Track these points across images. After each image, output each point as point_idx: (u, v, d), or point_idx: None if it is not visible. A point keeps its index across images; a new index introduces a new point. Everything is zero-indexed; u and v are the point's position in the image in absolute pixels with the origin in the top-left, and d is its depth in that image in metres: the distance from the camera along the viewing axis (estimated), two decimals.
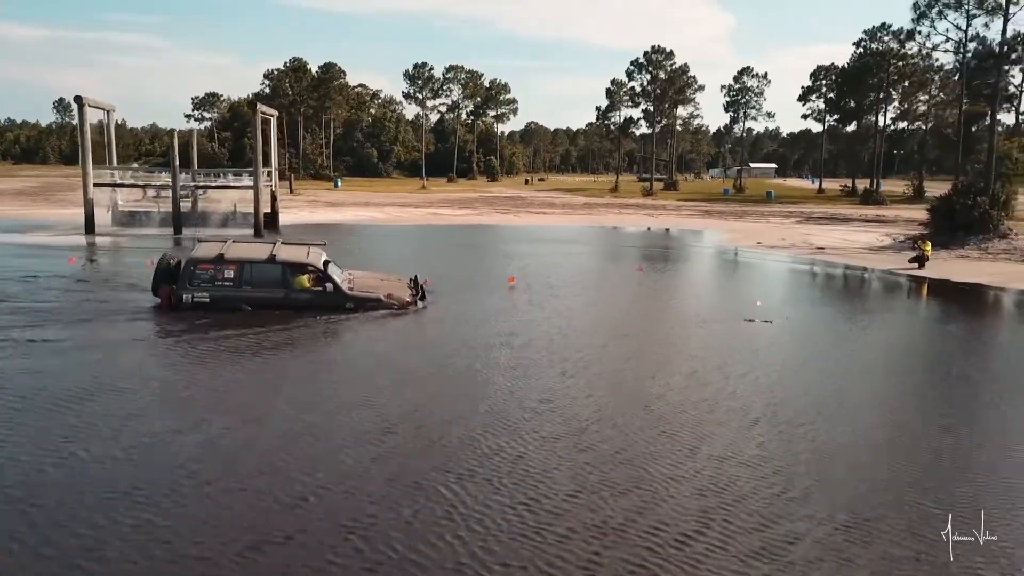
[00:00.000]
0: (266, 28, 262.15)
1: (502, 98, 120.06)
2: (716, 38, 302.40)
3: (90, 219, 34.21)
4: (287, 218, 41.56)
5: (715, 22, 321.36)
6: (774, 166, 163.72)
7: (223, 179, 40.09)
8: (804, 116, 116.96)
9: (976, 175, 37.46)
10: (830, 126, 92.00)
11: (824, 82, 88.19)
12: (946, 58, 72.47)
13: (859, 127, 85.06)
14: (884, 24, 75.10)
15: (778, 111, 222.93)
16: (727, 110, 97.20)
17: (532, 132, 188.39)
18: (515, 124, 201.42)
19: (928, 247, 27.91)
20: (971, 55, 36.62)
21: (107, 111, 39.32)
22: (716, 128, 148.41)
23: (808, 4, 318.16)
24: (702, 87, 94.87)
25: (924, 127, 78.55)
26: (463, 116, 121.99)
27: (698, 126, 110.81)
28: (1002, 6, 32.13)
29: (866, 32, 76.82)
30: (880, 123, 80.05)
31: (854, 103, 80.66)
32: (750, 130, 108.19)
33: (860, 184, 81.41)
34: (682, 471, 8.52)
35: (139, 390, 11.05)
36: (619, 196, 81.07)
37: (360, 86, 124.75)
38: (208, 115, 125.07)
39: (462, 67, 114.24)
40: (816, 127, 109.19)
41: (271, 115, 41.43)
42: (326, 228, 39.91)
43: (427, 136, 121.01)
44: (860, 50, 77.29)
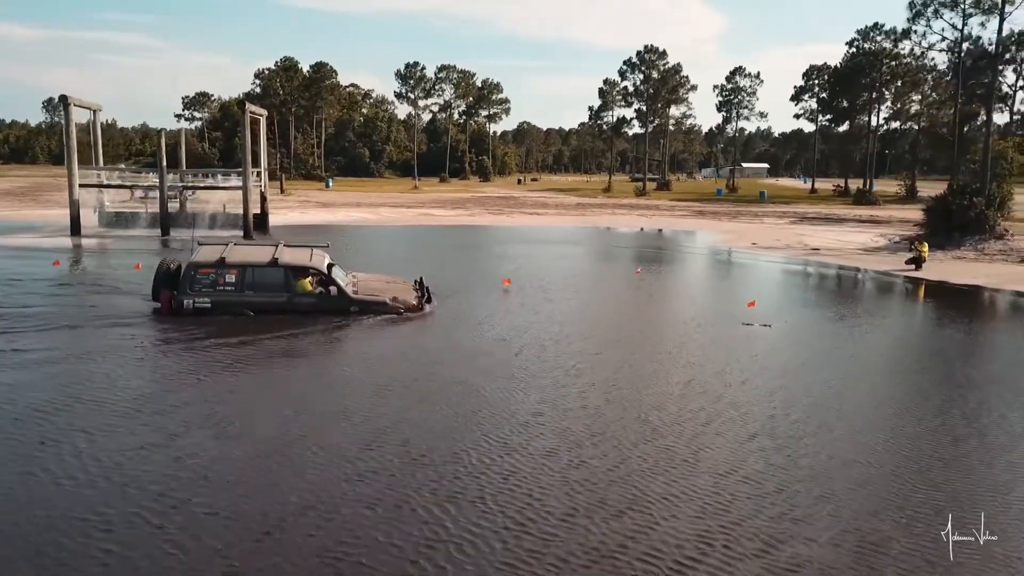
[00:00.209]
0: (260, 28, 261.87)
1: (494, 98, 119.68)
2: (707, 39, 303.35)
3: (76, 220, 33.68)
4: (277, 219, 41.07)
5: (706, 23, 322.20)
6: (766, 166, 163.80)
7: (211, 179, 39.57)
8: (797, 116, 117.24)
9: (972, 175, 37.19)
10: (822, 126, 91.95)
11: (817, 82, 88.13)
12: (939, 58, 72.20)
13: (851, 127, 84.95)
14: (877, 24, 75.18)
15: (770, 111, 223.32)
16: (720, 110, 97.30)
17: (524, 132, 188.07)
18: (507, 124, 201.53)
19: (925, 248, 27.66)
20: (966, 55, 36.31)
21: (93, 111, 38.76)
22: (708, 128, 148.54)
23: (798, 5, 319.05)
24: (695, 87, 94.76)
25: (916, 127, 78.42)
26: (455, 116, 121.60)
27: (690, 126, 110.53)
28: (998, 5, 31.91)
29: (859, 32, 76.90)
30: (873, 123, 79.99)
31: (847, 103, 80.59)
32: (742, 130, 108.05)
33: (853, 184, 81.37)
34: (679, 489, 8.13)
35: (114, 401, 10.59)
36: (612, 196, 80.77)
37: (352, 86, 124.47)
38: (199, 115, 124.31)
39: (454, 67, 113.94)
40: (808, 127, 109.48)
41: (260, 115, 40.91)
42: (317, 229, 39.40)
43: (419, 136, 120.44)
44: (853, 50, 77.27)
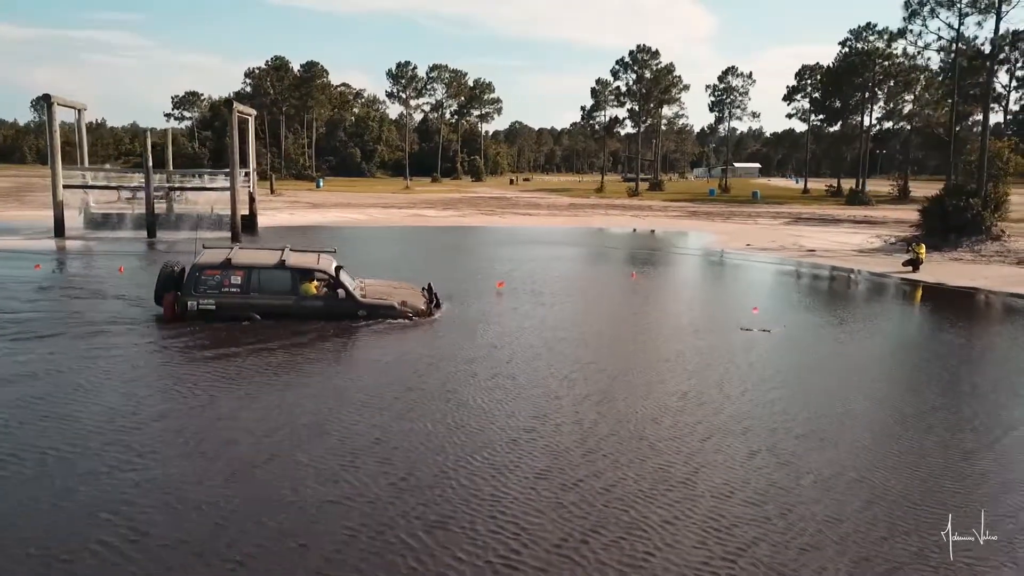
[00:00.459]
0: (251, 27, 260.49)
1: (486, 97, 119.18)
2: (699, 39, 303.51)
3: (60, 222, 33.04)
4: (266, 220, 40.46)
5: (698, 23, 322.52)
6: (758, 166, 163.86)
7: (199, 180, 38.94)
8: (789, 116, 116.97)
9: (967, 175, 36.90)
10: (814, 126, 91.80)
11: (809, 82, 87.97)
12: (932, 58, 71.98)
13: (844, 127, 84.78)
14: (870, 24, 74.96)
15: (761, 111, 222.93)
16: (712, 110, 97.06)
17: (516, 132, 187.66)
18: (499, 124, 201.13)
19: (922, 250, 27.32)
20: (961, 54, 36.03)
21: (78, 110, 38.07)
22: (700, 128, 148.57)
23: (789, 7, 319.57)
24: (687, 87, 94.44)
25: (909, 127, 78.28)
26: (447, 115, 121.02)
27: (682, 126, 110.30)
28: (995, 4, 31.61)
29: (852, 32, 76.62)
30: (866, 123, 79.83)
31: (839, 103, 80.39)
32: (734, 130, 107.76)
33: (845, 184, 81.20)
34: (679, 512, 7.67)
35: (84, 417, 10.04)
36: (605, 196, 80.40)
37: (343, 85, 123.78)
38: (188, 114, 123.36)
39: (446, 66, 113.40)
40: (799, 127, 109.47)
41: (249, 114, 40.29)
42: (306, 230, 38.87)
43: (411, 136, 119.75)
44: (846, 50, 77.04)
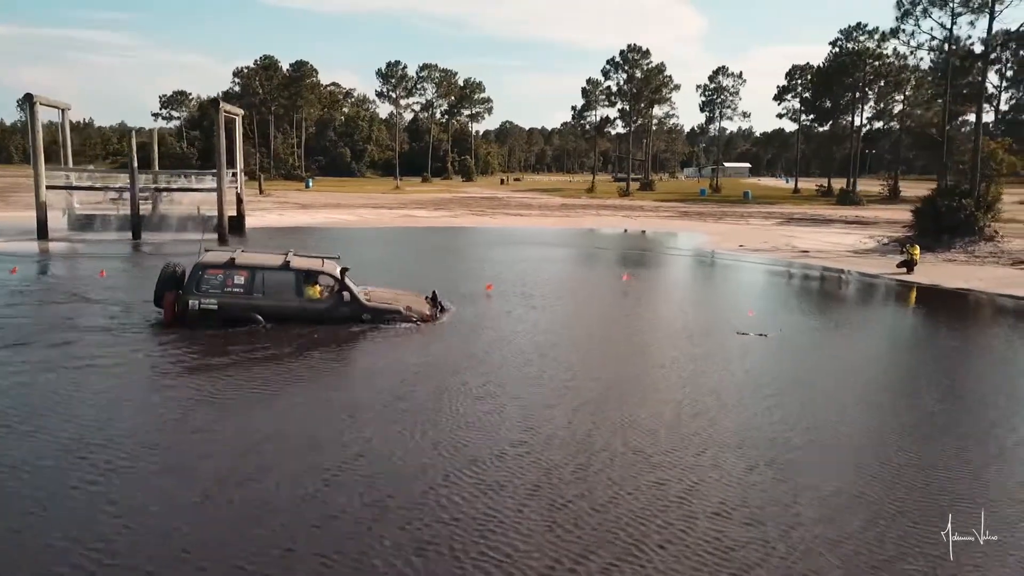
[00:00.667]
0: (240, 26, 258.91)
1: (476, 97, 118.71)
2: (689, 39, 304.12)
3: (43, 223, 32.43)
4: (254, 221, 39.92)
5: (688, 23, 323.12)
6: (748, 165, 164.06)
7: (185, 181, 38.35)
8: (779, 116, 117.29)
9: (961, 176, 36.83)
10: (804, 125, 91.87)
11: (800, 82, 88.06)
12: (923, 57, 72.20)
13: (834, 126, 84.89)
14: (860, 24, 75.11)
15: (751, 110, 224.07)
16: (703, 110, 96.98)
17: (507, 131, 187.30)
18: (490, 123, 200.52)
19: (917, 251, 27.15)
20: (954, 54, 35.95)
21: (61, 109, 37.44)
22: (689, 128, 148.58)
23: (778, 8, 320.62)
24: (678, 86, 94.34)
25: (899, 127, 78.43)
26: (437, 115, 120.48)
27: (673, 125, 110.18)
28: (988, 4, 31.51)
29: (842, 32, 76.81)
30: (856, 123, 79.96)
31: (830, 103, 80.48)
32: (724, 129, 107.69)
33: (835, 184, 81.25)
34: (674, 533, 7.29)
35: (48, 430, 9.59)
36: (596, 196, 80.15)
37: (333, 85, 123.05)
38: (177, 114, 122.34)
39: (436, 66, 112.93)
40: (789, 126, 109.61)
41: (236, 114, 39.76)
42: (294, 231, 38.39)
43: (401, 135, 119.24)
44: (836, 50, 77.13)
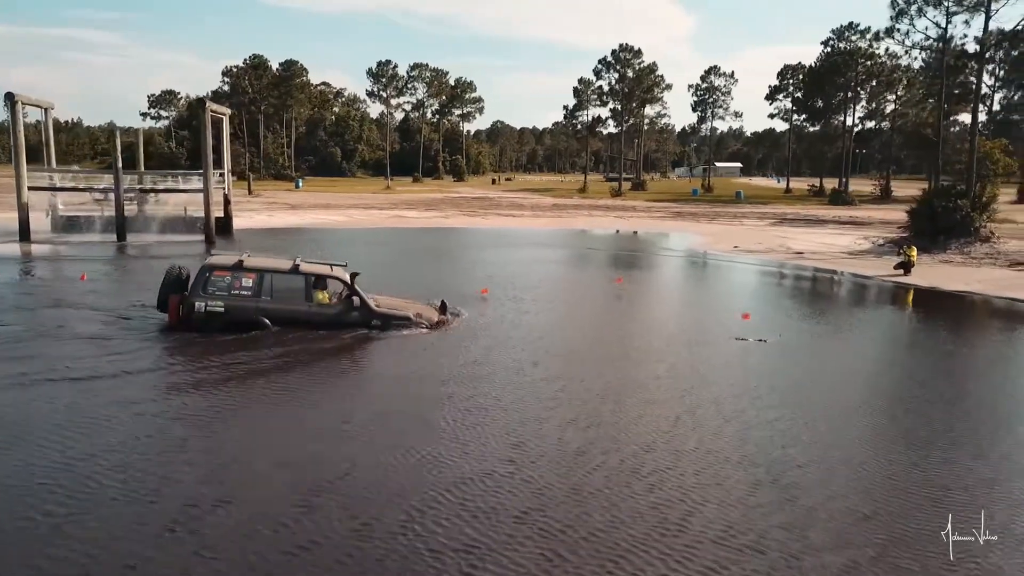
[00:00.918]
0: (229, 26, 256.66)
1: (467, 96, 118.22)
2: (679, 39, 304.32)
3: (25, 225, 31.72)
4: (242, 222, 39.27)
5: (677, 23, 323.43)
6: (739, 165, 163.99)
7: (172, 181, 37.71)
8: (771, 116, 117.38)
9: (957, 176, 36.59)
10: (796, 125, 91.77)
11: (791, 81, 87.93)
12: (915, 56, 72.23)
13: (826, 126, 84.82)
14: (852, 24, 75.01)
15: (742, 110, 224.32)
16: (695, 109, 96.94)
17: (498, 131, 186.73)
18: (481, 123, 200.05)
19: (914, 253, 26.83)
20: (949, 53, 35.73)
21: (44, 109, 36.75)
22: (680, 127, 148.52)
23: (766, 8, 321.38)
24: (670, 86, 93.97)
25: (891, 126, 78.39)
26: (428, 115, 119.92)
27: (664, 125, 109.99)
28: (984, 2, 31.26)
29: (834, 31, 76.68)
30: (848, 122, 79.87)
31: (821, 102, 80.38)
32: (715, 129, 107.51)
33: (826, 184, 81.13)
34: (674, 561, 6.81)
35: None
36: (588, 197, 79.77)
37: (323, 84, 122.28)
38: (165, 113, 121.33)
39: (427, 65, 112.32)
40: (780, 126, 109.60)
41: (223, 114, 39.15)
42: (283, 232, 37.82)
43: (392, 135, 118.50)
44: (828, 49, 77.02)
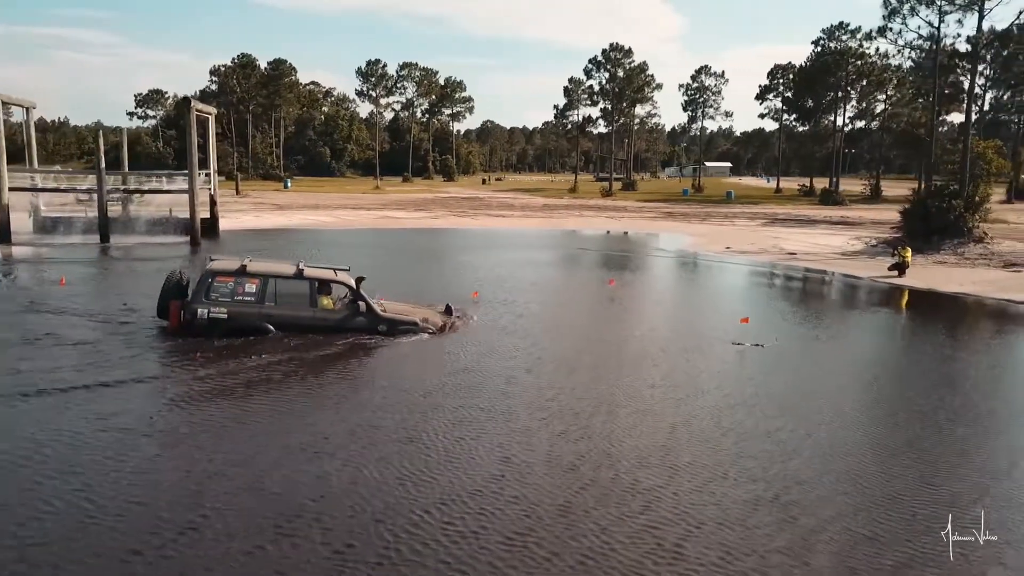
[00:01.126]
0: (217, 24, 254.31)
1: (457, 96, 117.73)
2: (668, 38, 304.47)
3: (5, 226, 31.08)
4: (228, 223, 38.68)
5: (667, 23, 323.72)
6: (729, 165, 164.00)
7: (157, 182, 37.10)
8: (762, 115, 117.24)
9: (950, 175, 36.44)
10: (786, 125, 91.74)
11: (782, 81, 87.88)
12: (906, 56, 72.34)
13: (815, 126, 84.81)
14: (843, 23, 74.99)
15: (731, 110, 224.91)
16: (685, 109, 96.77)
17: (488, 131, 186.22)
18: (471, 123, 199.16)
19: (908, 254, 26.60)
20: (942, 53, 35.60)
21: (26, 108, 36.10)
22: (670, 127, 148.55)
23: (755, 8, 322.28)
24: (660, 86, 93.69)
25: (882, 126, 78.42)
26: (418, 114, 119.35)
27: (654, 124, 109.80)
28: (977, 1, 31.11)
29: (824, 31, 76.66)
30: (839, 122, 79.85)
31: (812, 102, 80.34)
32: (705, 129, 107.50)
33: (816, 183, 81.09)
34: None
35: None
36: (578, 197, 79.43)
37: (312, 83, 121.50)
38: (153, 113, 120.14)
39: (416, 64, 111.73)
40: (770, 125, 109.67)
41: (209, 113, 38.51)
42: (270, 234, 37.28)
43: (381, 135, 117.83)
44: (818, 49, 76.98)
